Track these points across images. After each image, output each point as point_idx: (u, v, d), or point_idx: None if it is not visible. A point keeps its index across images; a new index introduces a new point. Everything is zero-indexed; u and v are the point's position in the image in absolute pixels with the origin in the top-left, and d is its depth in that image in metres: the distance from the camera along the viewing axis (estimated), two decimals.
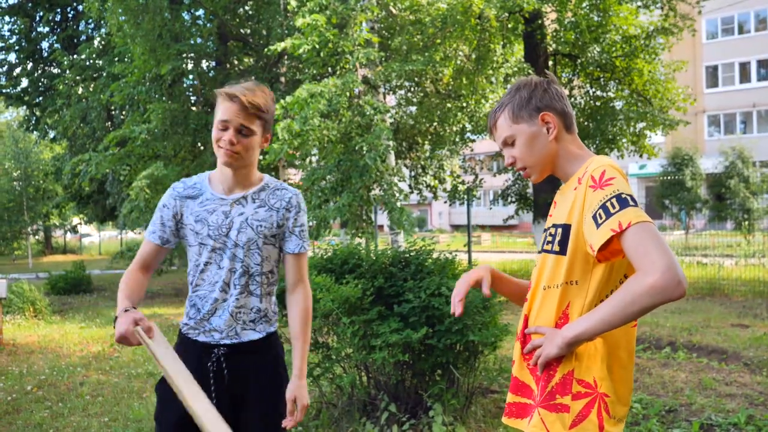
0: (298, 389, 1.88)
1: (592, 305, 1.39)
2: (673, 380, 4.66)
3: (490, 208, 19.00)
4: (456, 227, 36.66)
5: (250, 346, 1.89)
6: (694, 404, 4.08)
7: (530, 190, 10.94)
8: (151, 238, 1.90)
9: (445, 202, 12.80)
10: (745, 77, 29.22)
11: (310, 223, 7.66)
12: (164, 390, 1.85)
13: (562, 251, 1.42)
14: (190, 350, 1.88)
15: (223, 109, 1.78)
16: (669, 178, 19.08)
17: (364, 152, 7.12)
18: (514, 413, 1.52)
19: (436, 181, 13.16)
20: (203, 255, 1.85)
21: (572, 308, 1.42)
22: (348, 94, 7.53)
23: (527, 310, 1.51)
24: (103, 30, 14.77)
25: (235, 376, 1.86)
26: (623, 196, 1.32)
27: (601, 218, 1.31)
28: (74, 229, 29.78)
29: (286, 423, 1.86)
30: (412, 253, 3.88)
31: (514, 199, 11.02)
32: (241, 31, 13.24)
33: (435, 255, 3.94)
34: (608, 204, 1.32)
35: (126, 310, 1.74)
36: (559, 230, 1.44)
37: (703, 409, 3.98)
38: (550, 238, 1.48)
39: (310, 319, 1.98)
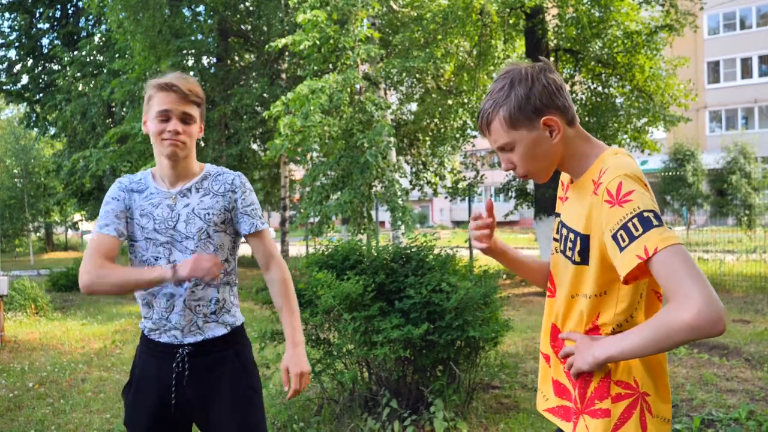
0: (290, 358, 1.85)
1: (624, 314, 1.34)
2: (674, 376, 4.66)
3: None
4: (457, 223, 36.65)
5: (216, 343, 1.84)
6: (695, 399, 4.07)
7: (531, 186, 10.93)
8: (107, 231, 1.78)
9: (446, 197, 12.79)
10: (746, 73, 29.14)
11: (313, 220, 7.66)
12: (130, 395, 1.86)
13: (584, 261, 1.35)
14: (153, 352, 1.84)
15: (160, 100, 1.75)
16: (671, 173, 19.05)
17: (365, 149, 7.11)
18: (561, 415, 1.49)
19: (437, 178, 13.15)
20: (150, 250, 1.79)
21: (602, 318, 1.37)
22: (349, 90, 7.51)
23: (554, 316, 1.47)
24: (103, 26, 14.76)
25: (200, 377, 1.81)
26: (645, 215, 1.21)
27: (623, 241, 1.22)
28: (74, 226, 29.79)
29: (290, 395, 1.86)
30: (413, 249, 3.88)
31: (514, 195, 11.01)
32: (242, 27, 13.22)
33: (436, 251, 3.94)
34: (630, 225, 1.22)
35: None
36: (578, 239, 1.36)
37: (704, 404, 3.98)
38: (570, 245, 1.40)
39: (291, 289, 1.93)
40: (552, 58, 10.00)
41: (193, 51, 11.62)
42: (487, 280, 3.80)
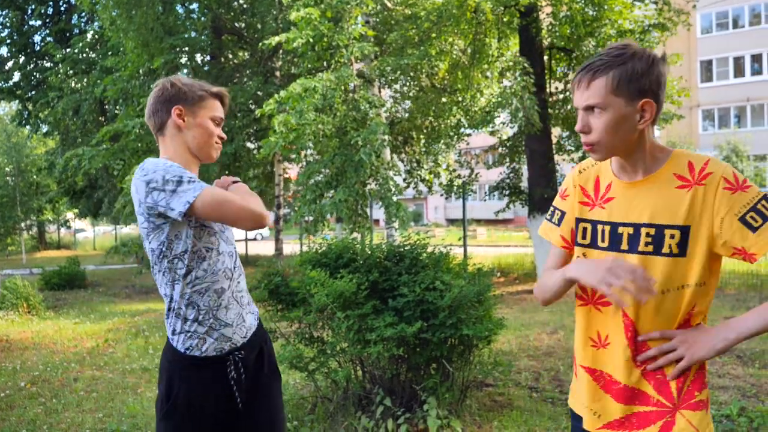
0: None
1: (711, 301, 1.41)
2: None
3: (485, 200, 18.98)
4: (452, 221, 36.70)
5: (254, 336, 1.88)
6: None
7: (524, 184, 10.94)
8: None
9: (441, 194, 12.80)
10: (739, 72, 29.29)
11: (308, 218, 7.64)
12: (175, 421, 1.75)
13: (681, 253, 1.36)
14: (203, 367, 1.76)
15: (217, 107, 1.86)
16: None
17: (360, 147, 7.10)
18: (634, 425, 1.43)
19: (431, 176, 13.15)
20: (204, 239, 1.74)
21: (698, 307, 1.40)
22: (343, 88, 7.49)
23: (632, 314, 1.42)
24: (95, 23, 14.66)
25: (250, 374, 1.86)
26: None
27: (756, 222, 1.30)
28: (65, 224, 29.63)
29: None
30: (406, 248, 3.88)
31: (507, 192, 11.01)
32: (236, 24, 13.17)
33: (429, 249, 3.94)
34: (760, 207, 1.31)
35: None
36: (676, 232, 1.36)
37: None
38: (649, 239, 1.39)
39: None
40: (546, 57, 10.02)
41: (186, 48, 11.56)
42: (480, 278, 3.80)
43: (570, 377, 4.66)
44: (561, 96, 10.55)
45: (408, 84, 11.98)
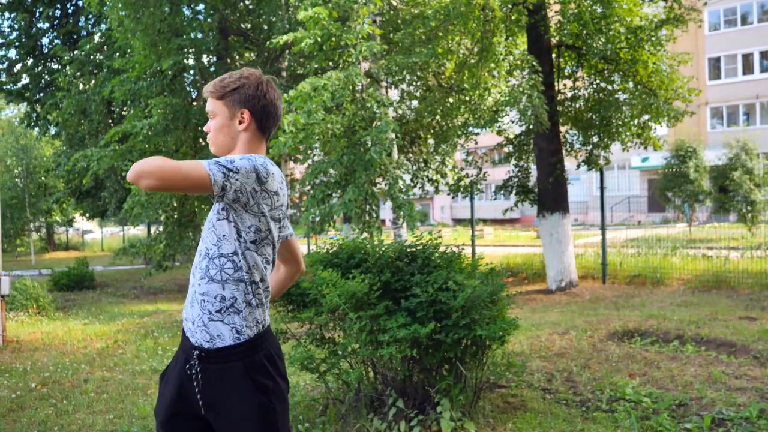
0: None
1: None
2: (682, 374, 4.62)
3: (496, 198, 18.84)
4: (458, 221, 36.59)
5: (226, 350, 1.74)
6: (705, 398, 4.03)
7: (533, 183, 10.86)
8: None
9: (448, 194, 12.74)
10: (748, 69, 29.05)
11: (316, 218, 7.61)
12: (162, 381, 1.88)
13: None
14: (181, 346, 1.86)
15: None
16: (672, 170, 18.97)
17: (369, 146, 7.06)
18: None
19: (438, 176, 13.09)
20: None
21: None
22: (351, 87, 7.46)
23: None
24: (103, 26, 14.71)
25: (211, 383, 1.75)
26: None
27: None
28: (70, 223, 29.80)
29: None
30: (418, 247, 3.84)
31: (515, 191, 10.93)
32: (242, 25, 13.16)
33: (441, 249, 3.89)
34: None
35: None
36: None
37: (713, 403, 3.93)
38: None
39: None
40: (554, 55, 9.94)
41: (193, 50, 11.56)
42: (493, 278, 3.76)
43: (583, 378, 4.61)
44: (569, 94, 10.47)
45: (415, 83, 11.93)
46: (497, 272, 3.87)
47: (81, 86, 14.74)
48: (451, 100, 10.60)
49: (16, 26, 16.91)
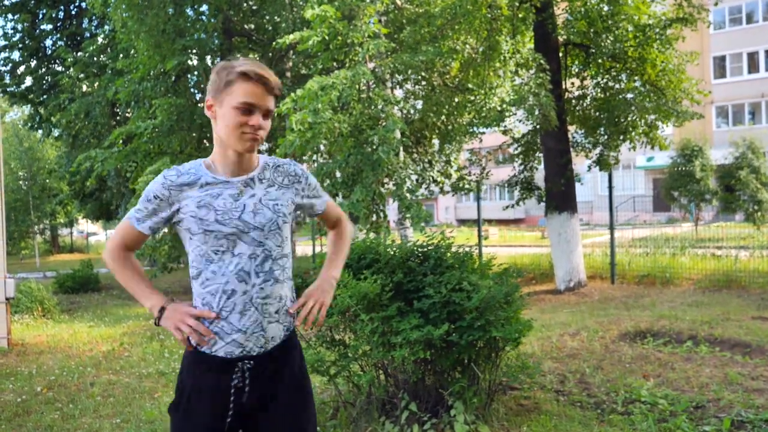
0: (319, 285, 1.96)
1: None
2: (697, 375, 4.53)
3: (502, 197, 18.71)
4: (462, 222, 36.49)
5: (277, 349, 1.77)
6: (722, 400, 3.95)
7: (539, 180, 10.78)
8: (139, 226, 1.76)
9: (449, 191, 12.67)
10: (753, 67, 28.91)
11: None
12: (178, 413, 1.75)
13: None
14: (210, 366, 1.71)
15: (246, 91, 1.65)
16: (679, 169, 18.86)
17: (376, 145, 7.00)
18: None
19: (443, 178, 13.01)
20: (209, 243, 1.69)
21: None
22: (358, 86, 7.40)
23: None
24: (106, 27, 14.68)
25: (260, 386, 1.74)
26: None
27: None
28: (71, 223, 29.84)
29: (299, 320, 1.83)
30: (430, 247, 3.77)
31: (519, 188, 10.85)
32: (246, 26, 13.12)
33: (453, 249, 3.82)
34: None
35: (172, 301, 1.74)
36: None
37: (731, 404, 3.85)
38: None
39: (349, 238, 2.08)
40: (561, 53, 9.86)
41: (197, 50, 11.53)
42: (507, 278, 3.69)
43: (597, 379, 4.53)
44: (577, 93, 10.39)
45: (420, 83, 11.86)
46: (511, 273, 3.79)
47: (85, 88, 14.73)
48: (456, 99, 10.53)
49: (19, 28, 16.90)
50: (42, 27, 17.10)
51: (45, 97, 16.96)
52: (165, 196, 1.72)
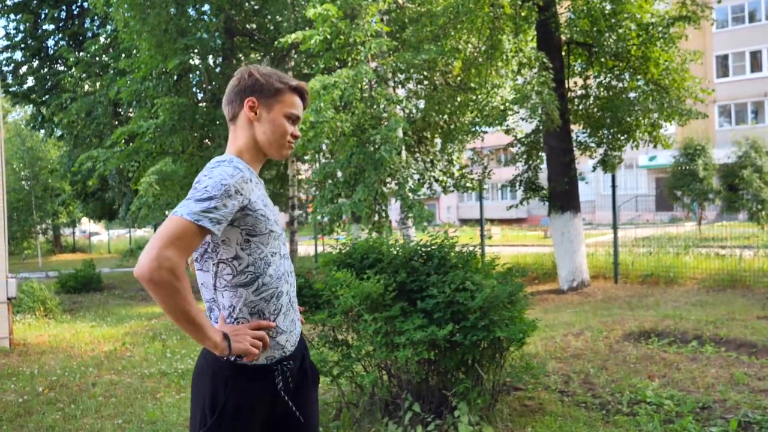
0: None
1: None
2: (703, 375, 4.50)
3: (503, 197, 18.71)
4: (464, 221, 36.45)
5: (301, 344, 1.81)
6: (729, 400, 3.91)
7: (542, 180, 10.74)
8: (216, 229, 1.49)
9: (451, 190, 12.64)
10: (756, 66, 28.81)
11: (324, 219, 7.53)
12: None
13: None
14: (251, 375, 1.62)
15: (294, 103, 1.73)
16: (682, 168, 18.80)
17: (378, 145, 6.98)
18: None
19: (445, 177, 12.99)
20: (270, 245, 1.61)
21: None
22: (360, 86, 7.37)
23: None
24: (108, 27, 14.68)
25: (295, 383, 1.76)
26: None
27: None
28: (73, 223, 29.87)
29: None
30: (433, 247, 3.74)
31: (523, 188, 10.80)
32: (248, 26, 13.11)
33: (457, 248, 3.79)
34: None
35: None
36: None
37: (738, 405, 3.82)
38: None
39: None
40: (564, 52, 9.82)
41: (198, 50, 11.52)
42: (511, 278, 3.66)
43: (601, 380, 4.50)
44: (580, 92, 10.35)
45: (422, 82, 11.84)
46: (515, 272, 3.77)
47: (87, 88, 14.73)
48: (459, 98, 10.50)
49: (21, 28, 16.90)
50: (44, 27, 17.10)
51: (47, 97, 16.96)
52: (244, 190, 1.54)
